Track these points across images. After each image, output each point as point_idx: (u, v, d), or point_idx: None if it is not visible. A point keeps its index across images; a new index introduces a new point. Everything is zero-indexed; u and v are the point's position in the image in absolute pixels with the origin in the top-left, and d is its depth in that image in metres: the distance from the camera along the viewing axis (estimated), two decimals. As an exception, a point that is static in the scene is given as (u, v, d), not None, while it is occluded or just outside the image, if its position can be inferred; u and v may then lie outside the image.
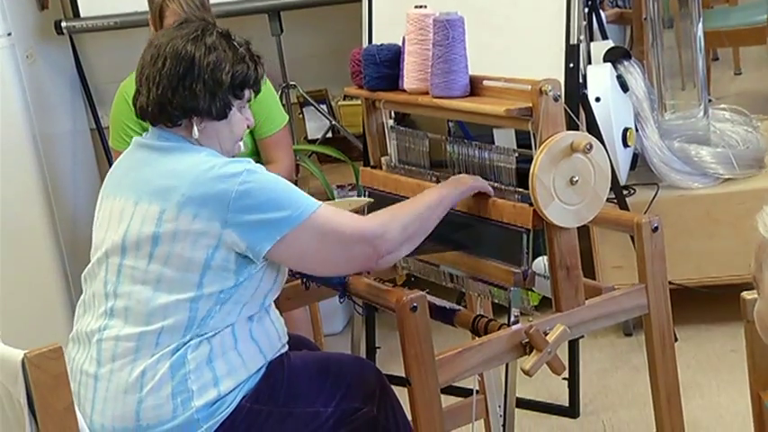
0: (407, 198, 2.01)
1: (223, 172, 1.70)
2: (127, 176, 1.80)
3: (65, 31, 3.41)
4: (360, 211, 2.03)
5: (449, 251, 1.96)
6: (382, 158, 2.19)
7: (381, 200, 2.15)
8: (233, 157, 1.83)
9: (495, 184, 1.90)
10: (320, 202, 1.73)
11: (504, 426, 2.25)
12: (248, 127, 1.86)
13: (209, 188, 1.68)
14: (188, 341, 1.69)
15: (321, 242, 1.72)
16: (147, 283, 1.70)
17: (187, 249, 1.68)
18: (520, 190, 1.85)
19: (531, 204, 1.81)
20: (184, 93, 1.74)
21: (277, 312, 1.83)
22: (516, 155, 1.85)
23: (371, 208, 2.17)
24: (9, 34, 3.16)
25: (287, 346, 1.82)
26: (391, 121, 2.18)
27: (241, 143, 2.76)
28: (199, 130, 1.77)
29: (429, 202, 1.82)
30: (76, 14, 3.42)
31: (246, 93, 1.81)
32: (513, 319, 1.82)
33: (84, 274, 1.82)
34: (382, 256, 1.76)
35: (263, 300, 1.76)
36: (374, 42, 2.53)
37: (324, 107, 3.52)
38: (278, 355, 1.79)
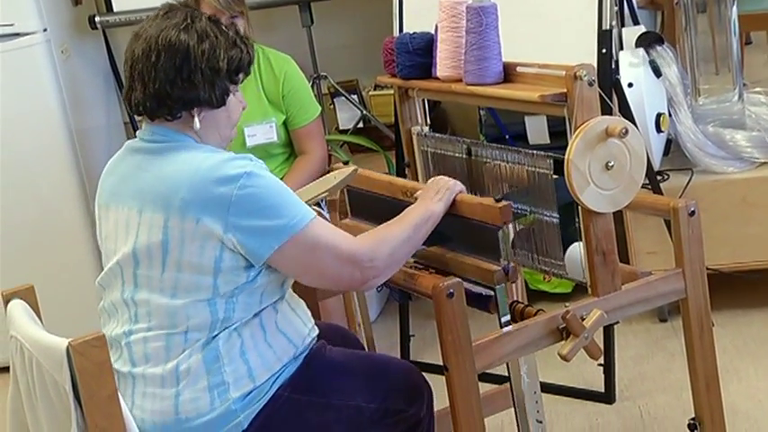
0: (389, 198, 1.99)
1: (222, 174, 1.67)
2: (125, 184, 1.77)
3: (98, 25, 3.45)
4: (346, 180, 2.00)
5: (432, 247, 1.92)
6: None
7: (363, 198, 2.09)
8: (229, 142, 1.81)
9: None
10: (315, 214, 1.71)
11: (538, 412, 2.25)
12: (243, 109, 1.82)
13: (208, 192, 1.66)
14: (217, 334, 1.71)
15: (313, 255, 1.69)
16: (165, 291, 1.70)
17: (195, 254, 1.67)
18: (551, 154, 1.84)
19: (497, 200, 1.77)
20: (183, 85, 1.71)
21: (296, 297, 1.83)
22: (551, 161, 1.84)
23: (358, 209, 2.15)
24: (45, 30, 3.19)
25: (316, 329, 1.83)
26: (426, 128, 2.17)
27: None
28: (199, 121, 1.74)
29: (416, 222, 1.79)
30: (110, 9, 3.46)
31: (241, 76, 1.79)
32: (505, 319, 1.78)
33: (98, 282, 1.82)
34: (367, 281, 1.75)
35: (282, 285, 1.77)
36: (405, 32, 2.53)
37: (355, 97, 3.53)
38: (309, 340, 1.80)
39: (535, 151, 1.88)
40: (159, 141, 1.75)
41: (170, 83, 1.71)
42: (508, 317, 1.78)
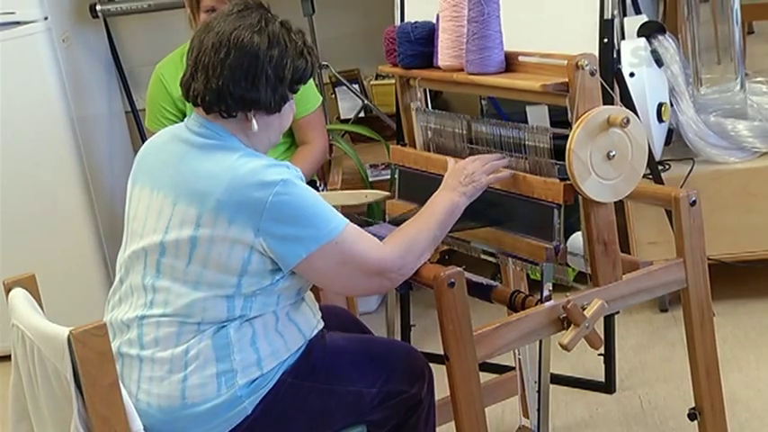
0: (437, 175, 2.01)
1: (259, 179, 1.68)
2: (162, 171, 1.78)
3: (99, 14, 3.45)
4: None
5: (480, 227, 1.96)
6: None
7: (412, 177, 2.16)
8: (273, 147, 1.83)
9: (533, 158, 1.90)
10: (347, 221, 1.73)
11: (539, 401, 2.26)
12: (292, 116, 1.85)
13: (243, 195, 1.67)
14: (230, 323, 1.72)
15: (342, 265, 1.72)
16: (187, 283, 1.71)
17: (224, 254, 1.69)
18: (560, 163, 1.84)
19: (562, 179, 1.80)
20: (246, 86, 1.72)
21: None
22: (551, 134, 1.84)
23: (405, 190, 2.18)
24: (46, 18, 3.19)
25: (322, 322, 1.84)
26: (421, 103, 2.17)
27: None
28: (256, 124, 1.75)
29: (442, 218, 1.82)
30: (110, -3, 3.46)
31: (300, 87, 1.80)
32: (546, 294, 1.82)
33: (120, 263, 1.82)
34: (395, 286, 1.81)
35: (298, 290, 1.78)
36: (406, 21, 2.53)
37: (356, 87, 3.52)
38: (316, 332, 1.81)
39: (536, 125, 1.88)
40: (206, 137, 1.75)
41: (234, 81, 1.71)
42: (548, 293, 1.82)
